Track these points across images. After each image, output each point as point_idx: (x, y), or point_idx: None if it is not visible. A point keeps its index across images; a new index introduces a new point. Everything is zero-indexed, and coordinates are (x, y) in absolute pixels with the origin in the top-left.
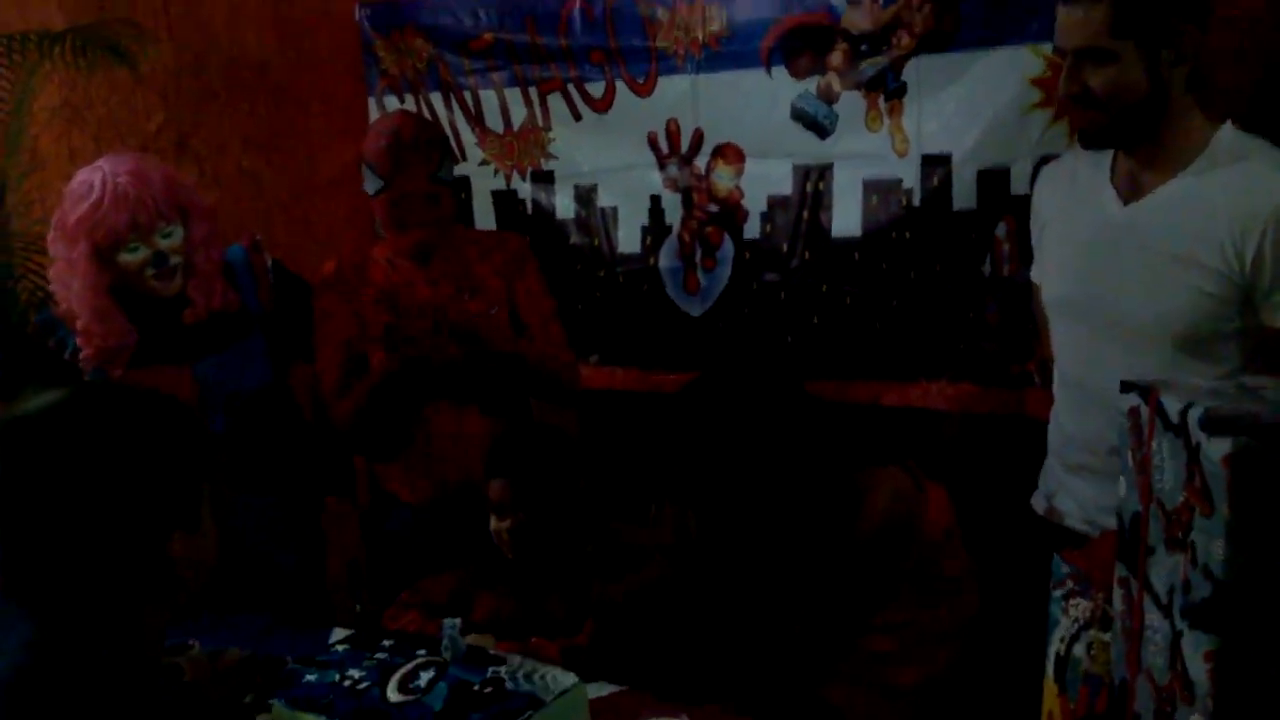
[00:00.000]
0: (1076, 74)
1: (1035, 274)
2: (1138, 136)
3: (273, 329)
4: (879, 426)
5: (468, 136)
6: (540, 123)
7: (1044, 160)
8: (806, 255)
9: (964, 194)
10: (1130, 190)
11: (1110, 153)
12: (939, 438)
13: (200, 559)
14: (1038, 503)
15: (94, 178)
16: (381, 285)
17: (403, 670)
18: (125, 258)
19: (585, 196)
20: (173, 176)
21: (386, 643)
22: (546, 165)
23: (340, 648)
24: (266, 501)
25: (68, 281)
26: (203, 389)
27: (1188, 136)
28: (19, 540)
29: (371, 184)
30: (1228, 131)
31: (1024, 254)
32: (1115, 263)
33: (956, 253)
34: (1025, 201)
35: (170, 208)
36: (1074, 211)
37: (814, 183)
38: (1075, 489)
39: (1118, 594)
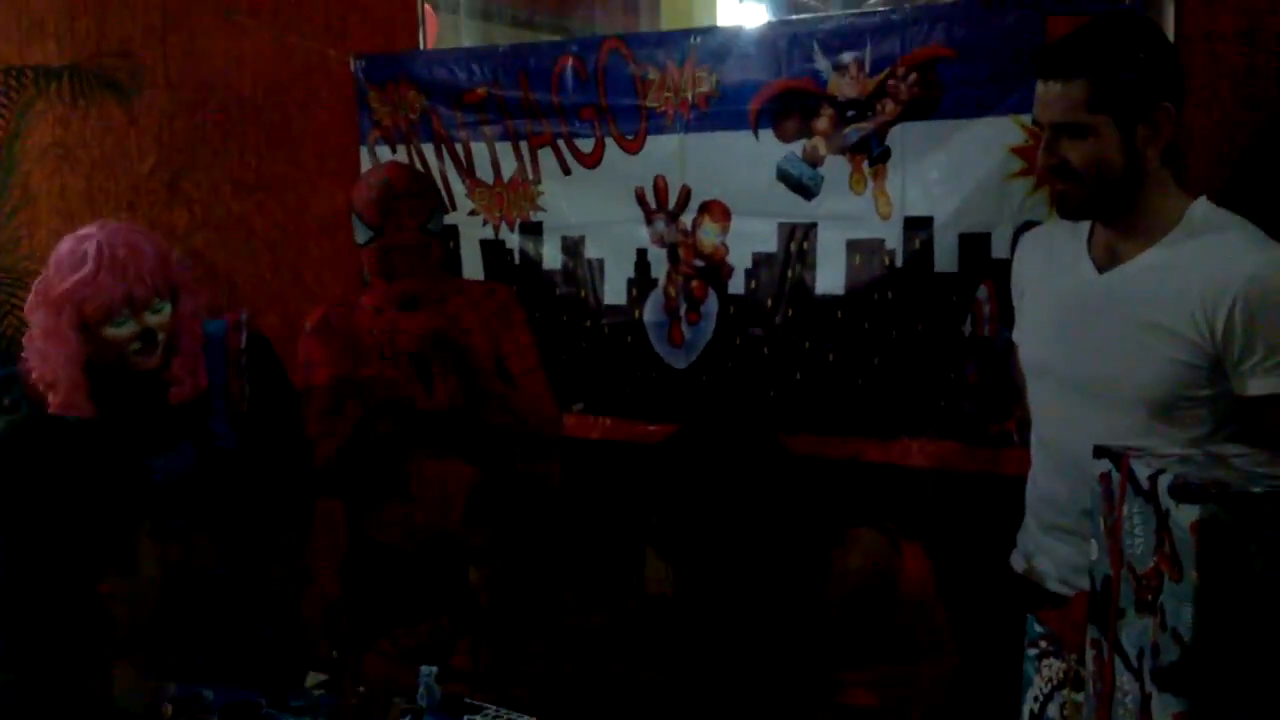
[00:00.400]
0: (1054, 147)
1: (1017, 336)
2: (1114, 208)
3: (234, 422)
4: (856, 485)
5: (458, 187)
6: (530, 176)
7: (1025, 226)
8: (790, 312)
9: (945, 257)
10: (1107, 259)
11: (1089, 222)
12: (918, 495)
13: (136, 596)
14: (1016, 562)
15: (87, 247)
16: (367, 332)
17: None
18: (111, 331)
19: (573, 248)
20: (165, 250)
21: (362, 689)
22: (535, 217)
23: (316, 693)
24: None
25: (46, 352)
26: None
27: (1163, 209)
28: None
29: (361, 234)
30: (1202, 205)
31: (1004, 316)
32: (1090, 329)
33: (937, 313)
34: (1006, 265)
35: (163, 283)
36: (1052, 278)
37: (799, 241)
38: (1051, 549)
39: (1089, 655)
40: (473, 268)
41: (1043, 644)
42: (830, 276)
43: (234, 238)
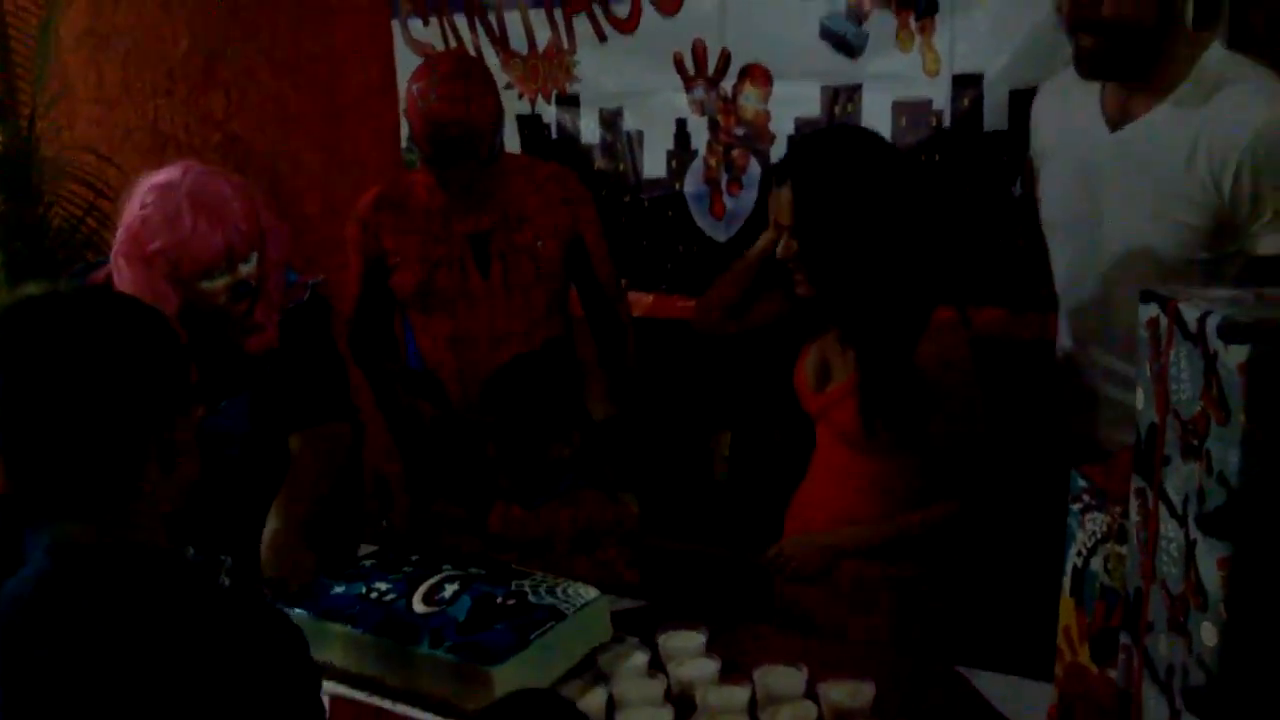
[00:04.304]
0: None
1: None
2: (1137, 64)
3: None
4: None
5: (492, 60)
6: (565, 45)
7: None
8: None
9: (996, 114)
10: (1118, 116)
11: (1097, 84)
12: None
13: (175, 490)
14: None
15: (179, 200)
16: (423, 214)
17: (428, 583)
18: (206, 285)
19: (610, 120)
20: (252, 195)
21: (413, 557)
22: (571, 88)
23: (367, 562)
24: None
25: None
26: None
27: (1175, 60)
28: (14, 431)
29: (417, 154)
30: (1215, 54)
31: None
32: (1100, 189)
33: (987, 174)
34: None
35: (255, 232)
36: (1066, 135)
37: (843, 104)
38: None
39: (1133, 505)
40: (510, 143)
41: (1085, 498)
42: None
43: (272, 119)
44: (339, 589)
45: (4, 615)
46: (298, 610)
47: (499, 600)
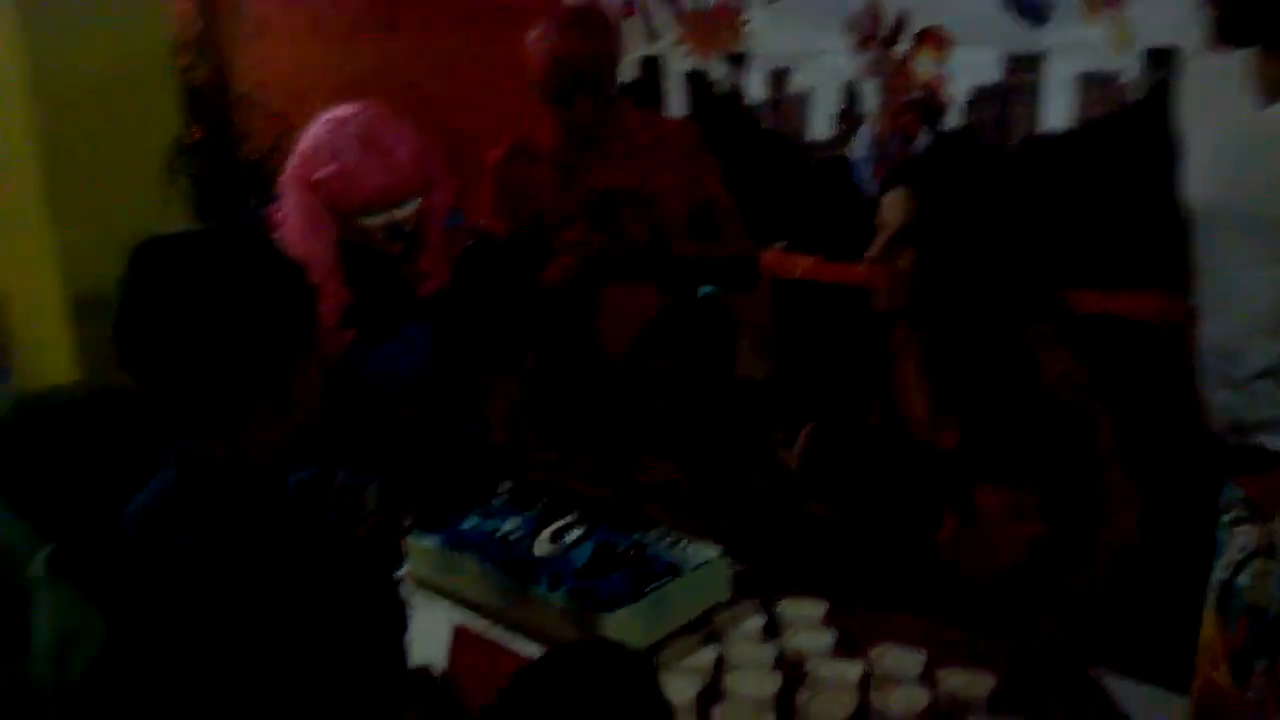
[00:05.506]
0: None
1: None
2: (1272, 28)
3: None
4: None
5: (663, 16)
6: (735, 4)
7: None
8: (1011, 150)
9: None
10: (1271, 90)
11: (1247, 50)
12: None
13: (309, 391)
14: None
15: (348, 136)
16: (549, 169)
17: (553, 526)
18: (364, 221)
19: (778, 80)
20: (422, 142)
21: (543, 499)
22: (740, 47)
23: (500, 500)
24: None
25: (304, 230)
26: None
27: None
28: (149, 355)
29: (539, 96)
30: None
31: None
32: (1260, 166)
33: (1177, 155)
34: None
35: (419, 179)
36: (1214, 114)
37: (1024, 74)
38: (1220, 401)
39: None
40: (676, 100)
41: (1237, 510)
42: (1058, 112)
43: (446, 68)
44: (471, 522)
45: (137, 515)
46: (430, 539)
47: (620, 550)
